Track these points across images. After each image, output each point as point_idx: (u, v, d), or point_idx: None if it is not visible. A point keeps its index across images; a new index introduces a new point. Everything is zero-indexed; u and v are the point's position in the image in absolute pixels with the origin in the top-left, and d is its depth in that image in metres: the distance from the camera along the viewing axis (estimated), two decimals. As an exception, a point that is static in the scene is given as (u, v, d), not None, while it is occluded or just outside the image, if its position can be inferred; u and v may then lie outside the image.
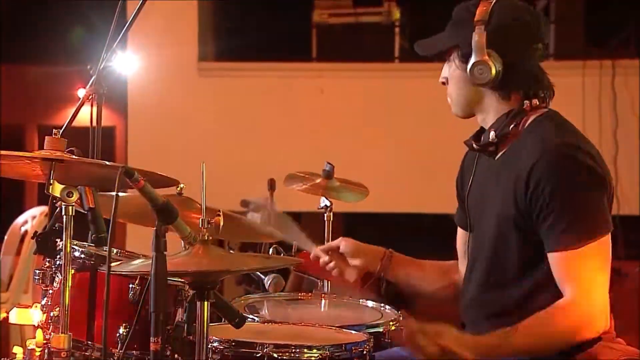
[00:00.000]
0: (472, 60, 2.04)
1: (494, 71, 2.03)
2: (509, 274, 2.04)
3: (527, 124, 2.08)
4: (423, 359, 1.85)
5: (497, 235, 2.06)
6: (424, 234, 6.05)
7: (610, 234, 1.97)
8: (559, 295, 1.95)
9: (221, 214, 1.87)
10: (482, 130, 2.18)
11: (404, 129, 5.99)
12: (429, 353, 1.83)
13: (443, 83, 2.19)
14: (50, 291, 2.22)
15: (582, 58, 5.75)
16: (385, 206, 5.74)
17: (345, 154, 5.40)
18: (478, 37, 2.03)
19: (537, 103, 2.08)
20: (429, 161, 5.90)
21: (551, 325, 1.92)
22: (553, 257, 1.96)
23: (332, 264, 2.40)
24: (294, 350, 2.00)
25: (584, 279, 1.93)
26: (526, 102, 2.07)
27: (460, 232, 2.35)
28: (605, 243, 1.96)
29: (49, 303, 2.21)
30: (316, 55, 6.55)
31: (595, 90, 5.68)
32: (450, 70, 2.15)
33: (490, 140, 2.10)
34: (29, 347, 2.17)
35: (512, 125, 2.07)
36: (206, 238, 1.81)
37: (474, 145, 2.15)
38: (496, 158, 2.12)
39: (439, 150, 5.83)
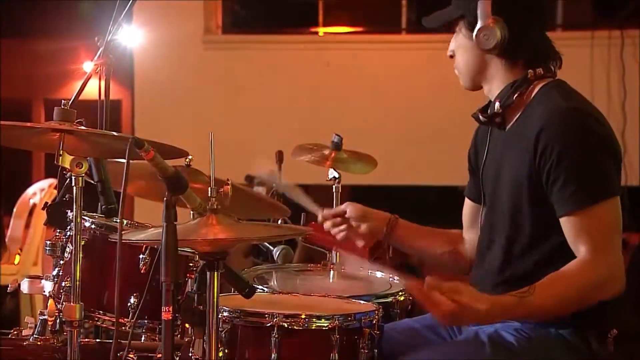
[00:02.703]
0: (478, 25, 2.06)
1: (499, 35, 2.05)
2: (525, 244, 2.05)
3: (534, 93, 2.08)
4: (439, 316, 1.85)
5: (512, 205, 2.06)
6: (431, 206, 6.06)
7: (619, 198, 1.97)
8: None
9: (230, 183, 1.87)
10: (489, 103, 2.18)
11: (411, 101, 5.98)
12: (445, 310, 1.83)
13: (451, 56, 2.21)
14: (61, 262, 2.23)
15: (591, 28, 5.71)
16: (393, 178, 5.75)
17: (353, 125, 5.40)
18: (484, 3, 2.05)
19: (542, 72, 2.09)
20: (437, 133, 5.90)
21: (568, 284, 1.92)
22: (565, 221, 1.96)
23: (339, 228, 2.40)
24: (303, 319, 2.01)
25: (597, 238, 1.93)
26: (530, 71, 2.08)
27: (468, 203, 2.35)
28: (615, 204, 1.96)
29: (60, 274, 2.23)
30: (322, 27, 6.53)
31: (603, 61, 5.65)
32: (457, 41, 2.17)
33: (495, 111, 2.10)
34: (40, 317, 2.19)
35: (516, 95, 2.08)
36: (215, 207, 1.81)
37: (481, 117, 2.15)
38: (506, 129, 2.13)
39: (447, 122, 5.82)
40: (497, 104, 2.10)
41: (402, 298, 2.39)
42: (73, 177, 1.91)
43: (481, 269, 2.18)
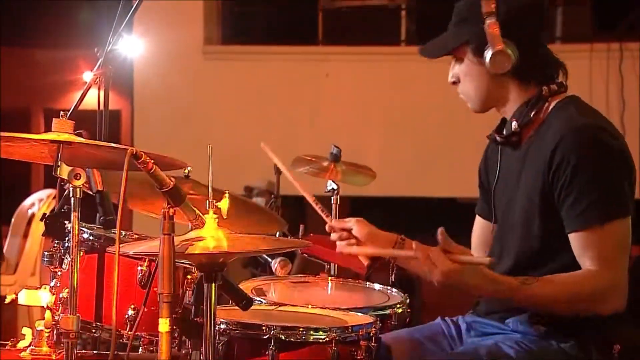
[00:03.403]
0: (490, 51, 2.03)
1: (514, 58, 2.03)
2: (535, 260, 2.04)
3: (549, 110, 2.07)
4: (436, 274, 1.86)
5: (524, 221, 2.06)
6: (430, 218, 6.04)
7: (630, 218, 1.97)
8: None
9: (227, 195, 1.87)
10: (503, 122, 2.17)
11: (410, 113, 5.98)
12: (443, 268, 1.85)
13: (454, 82, 2.17)
14: (59, 273, 2.23)
15: (590, 41, 5.72)
16: (391, 190, 5.74)
17: (351, 137, 5.40)
18: (491, 27, 2.02)
19: (556, 88, 2.08)
20: (435, 145, 5.90)
21: (569, 286, 1.94)
22: (573, 237, 1.96)
23: (345, 242, 2.37)
24: (301, 332, 2.01)
25: (604, 254, 1.94)
26: (544, 88, 2.07)
27: (479, 221, 2.33)
28: (625, 225, 1.97)
29: (58, 285, 2.23)
30: (322, 38, 6.53)
31: (602, 74, 5.66)
32: (462, 67, 2.13)
33: (513, 130, 2.09)
34: (37, 329, 2.19)
35: (533, 113, 2.07)
36: (213, 220, 1.81)
37: (498, 138, 2.14)
38: (521, 146, 2.12)
39: (445, 134, 5.82)
40: (514, 124, 2.09)
41: (400, 310, 2.39)
42: (71, 188, 1.91)
43: None
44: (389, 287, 2.59)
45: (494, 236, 2.19)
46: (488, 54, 2.04)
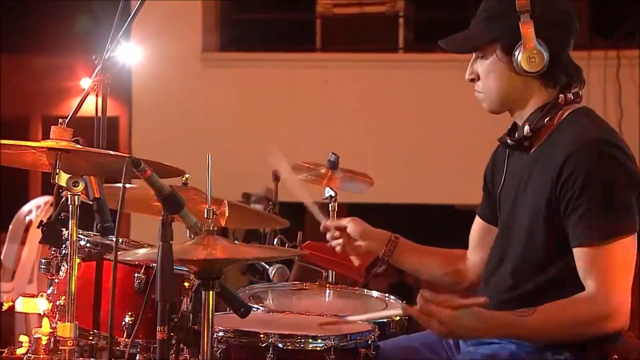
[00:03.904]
0: (522, 49, 2.02)
1: (546, 58, 2.02)
2: (536, 266, 2.03)
3: (562, 119, 2.06)
4: (434, 328, 1.85)
5: (528, 228, 2.04)
6: (428, 225, 6.05)
7: (636, 235, 1.95)
8: (581, 289, 1.94)
9: (226, 204, 1.87)
10: (514, 126, 2.16)
11: (408, 120, 5.99)
12: (439, 322, 1.83)
13: (472, 80, 2.15)
14: (56, 280, 2.23)
15: (587, 48, 5.73)
16: (389, 197, 5.74)
17: (349, 144, 5.40)
18: (526, 25, 2.01)
19: (572, 98, 2.07)
20: (433, 152, 5.90)
21: (568, 314, 1.91)
22: (578, 253, 1.94)
23: (337, 241, 2.37)
24: (299, 340, 2.00)
25: (606, 275, 1.91)
26: (561, 95, 2.06)
27: (478, 222, 2.32)
28: (631, 243, 1.94)
29: (55, 292, 2.22)
30: (320, 45, 6.54)
31: (600, 81, 5.67)
32: (486, 64, 2.10)
33: (525, 134, 2.08)
34: (34, 336, 2.18)
35: (547, 119, 2.05)
36: (212, 228, 1.81)
37: (509, 141, 2.13)
38: (530, 153, 2.11)
39: (443, 141, 5.83)
40: (526, 127, 2.07)
41: (398, 317, 2.39)
42: (69, 196, 1.90)
43: (488, 287, 2.16)
44: (386, 295, 2.59)
45: (496, 239, 2.19)
46: (519, 53, 2.03)
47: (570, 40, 2.09)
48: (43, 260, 2.24)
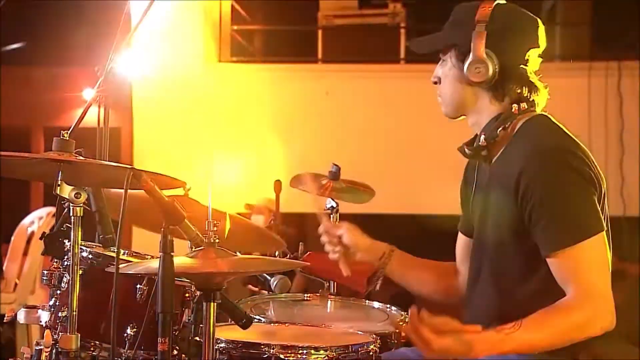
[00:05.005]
0: (470, 58, 2.05)
1: (491, 70, 2.04)
2: (513, 278, 2.04)
3: (516, 128, 2.08)
4: (425, 351, 1.84)
5: (496, 240, 2.06)
6: (430, 235, 6.04)
7: (604, 233, 1.96)
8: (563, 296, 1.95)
9: (227, 216, 1.87)
10: (475, 136, 2.18)
11: (409, 130, 5.99)
12: (431, 346, 1.82)
13: (435, 82, 2.19)
14: (58, 292, 2.22)
15: (589, 60, 5.74)
16: (391, 207, 5.74)
17: (351, 155, 5.40)
18: (478, 36, 2.04)
19: (526, 107, 2.08)
20: (435, 162, 5.89)
21: (555, 321, 1.91)
22: (551, 262, 1.95)
23: (333, 248, 2.35)
24: (300, 351, 2.00)
25: (583, 278, 1.92)
26: (514, 105, 2.07)
27: (461, 237, 2.34)
28: (600, 241, 1.95)
29: (57, 303, 2.22)
30: (321, 56, 6.56)
31: (601, 92, 5.67)
32: (444, 69, 2.15)
33: (480, 144, 2.10)
34: (36, 348, 2.18)
35: (500, 129, 2.07)
36: (213, 241, 1.81)
37: (466, 150, 2.15)
38: (491, 163, 2.12)
39: (445, 152, 5.81)
40: (482, 137, 2.09)
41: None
42: (71, 207, 1.91)
43: (471, 304, 2.16)
44: (388, 305, 2.59)
45: (471, 254, 2.19)
46: (467, 61, 2.05)
47: (525, 55, 2.08)
48: (45, 272, 2.23)
